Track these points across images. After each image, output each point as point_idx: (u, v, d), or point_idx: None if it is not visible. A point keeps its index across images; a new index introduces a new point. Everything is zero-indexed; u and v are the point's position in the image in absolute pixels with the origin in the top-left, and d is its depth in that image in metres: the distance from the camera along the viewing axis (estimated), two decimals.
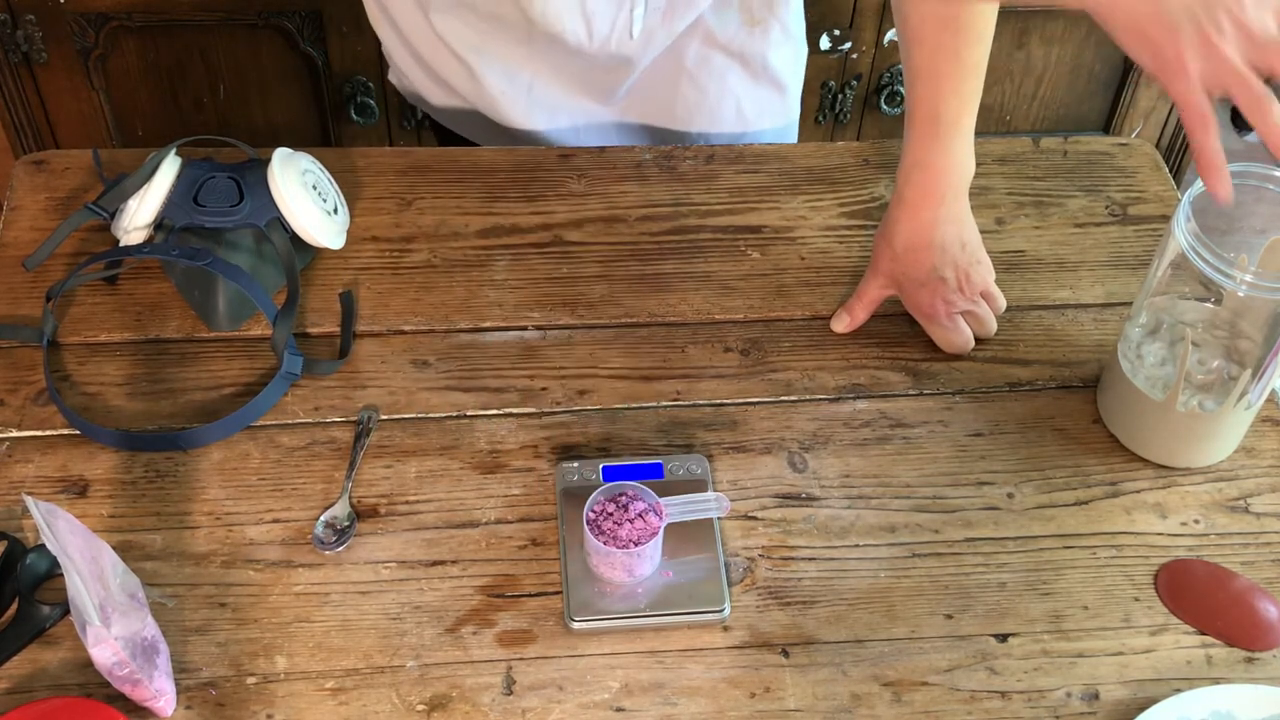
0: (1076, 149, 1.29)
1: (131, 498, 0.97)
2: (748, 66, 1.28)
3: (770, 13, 1.25)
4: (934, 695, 0.90)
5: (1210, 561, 0.98)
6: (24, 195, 1.18)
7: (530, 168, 1.23)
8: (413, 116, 1.97)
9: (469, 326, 1.10)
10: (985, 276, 1.09)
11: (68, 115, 1.92)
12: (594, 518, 0.92)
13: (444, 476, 1.00)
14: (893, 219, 1.08)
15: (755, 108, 1.31)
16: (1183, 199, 0.95)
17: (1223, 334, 1.01)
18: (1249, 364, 0.98)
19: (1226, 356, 1.00)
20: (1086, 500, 1.01)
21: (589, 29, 1.17)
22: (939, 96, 1.04)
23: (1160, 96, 2.13)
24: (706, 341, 1.10)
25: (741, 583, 0.95)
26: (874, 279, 1.10)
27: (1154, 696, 0.90)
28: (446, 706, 0.88)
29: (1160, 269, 0.98)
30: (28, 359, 1.05)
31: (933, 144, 1.05)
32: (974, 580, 0.96)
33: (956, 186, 1.07)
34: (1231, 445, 1.03)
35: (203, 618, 0.91)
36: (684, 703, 0.89)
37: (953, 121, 1.04)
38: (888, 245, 1.08)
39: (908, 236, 1.07)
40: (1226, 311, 1.01)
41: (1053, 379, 1.09)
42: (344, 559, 0.95)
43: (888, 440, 1.04)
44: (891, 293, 1.10)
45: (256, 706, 0.87)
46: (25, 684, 0.87)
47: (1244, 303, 0.99)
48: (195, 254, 1.04)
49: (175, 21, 1.82)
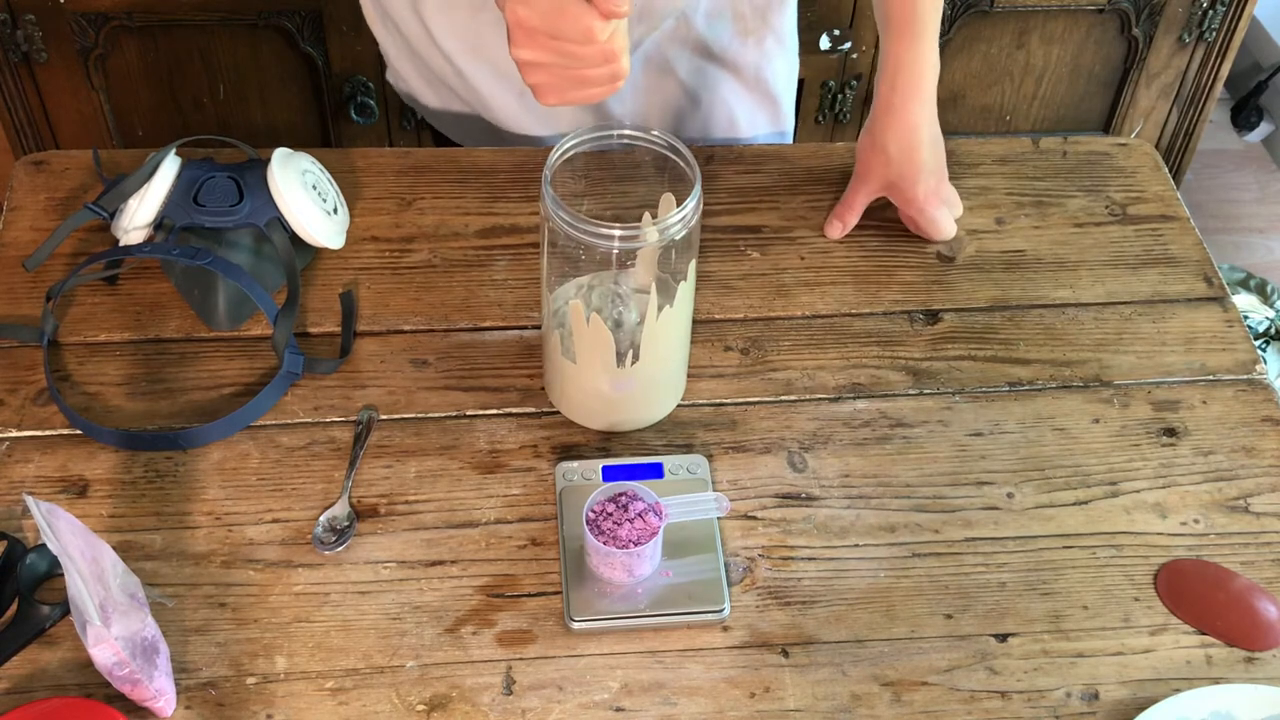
0: (1076, 149, 1.29)
1: (131, 498, 0.97)
2: (741, 78, 1.28)
3: (764, 24, 1.25)
4: (934, 695, 0.90)
5: (1210, 561, 0.98)
6: (24, 195, 1.18)
7: (530, 168, 1.23)
8: (413, 117, 1.97)
9: (469, 326, 1.10)
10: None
11: (68, 115, 1.92)
12: (594, 518, 0.92)
13: (444, 476, 1.00)
14: (882, 126, 1.14)
15: (748, 119, 1.31)
16: (545, 173, 0.93)
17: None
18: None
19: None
20: (1086, 500, 1.01)
21: None
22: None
23: (1160, 96, 2.13)
24: (706, 341, 1.10)
25: (741, 583, 0.95)
26: (863, 186, 1.17)
27: (1154, 696, 0.90)
28: (446, 706, 0.88)
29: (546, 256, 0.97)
30: (28, 359, 1.06)
31: (911, 45, 1.11)
32: (974, 580, 0.96)
33: (933, 83, 1.13)
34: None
35: (203, 618, 0.91)
36: (684, 703, 0.89)
37: (926, 21, 1.11)
38: (880, 152, 1.14)
39: (900, 140, 1.13)
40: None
41: (1053, 379, 1.09)
42: (344, 559, 0.95)
43: (888, 440, 1.04)
44: (879, 196, 1.18)
45: (256, 706, 0.87)
46: (25, 684, 0.87)
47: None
48: (195, 253, 1.04)
49: (175, 21, 1.82)
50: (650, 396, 1.03)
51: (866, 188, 1.17)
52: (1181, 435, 1.06)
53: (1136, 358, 1.11)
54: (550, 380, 1.04)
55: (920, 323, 1.13)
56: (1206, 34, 2.04)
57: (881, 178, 1.16)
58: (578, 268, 1.00)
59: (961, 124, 2.13)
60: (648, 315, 0.95)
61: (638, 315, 1.00)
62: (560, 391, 1.03)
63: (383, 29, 1.28)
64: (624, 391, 1.00)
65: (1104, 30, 2.03)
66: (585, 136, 0.96)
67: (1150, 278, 1.17)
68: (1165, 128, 2.18)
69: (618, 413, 1.02)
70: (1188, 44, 2.06)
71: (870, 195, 1.18)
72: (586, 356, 0.97)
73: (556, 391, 1.04)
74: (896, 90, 1.12)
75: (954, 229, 1.18)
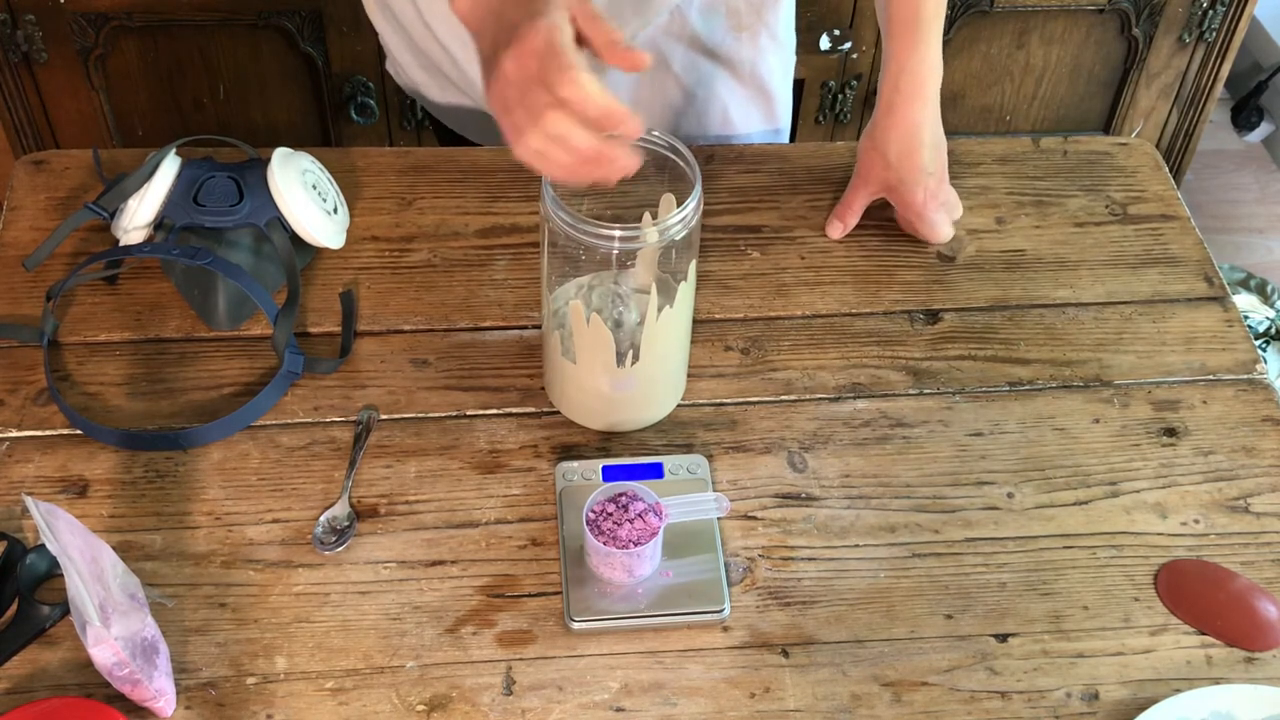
0: (1076, 149, 1.29)
1: (131, 498, 0.97)
2: (735, 73, 1.27)
3: (758, 19, 1.25)
4: (934, 695, 0.90)
5: (1210, 561, 0.98)
6: (24, 195, 1.18)
7: None
8: (413, 117, 1.97)
9: (469, 326, 1.10)
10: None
11: (68, 115, 1.92)
12: (594, 518, 0.92)
13: (444, 476, 1.00)
14: (883, 128, 1.13)
15: (742, 114, 1.31)
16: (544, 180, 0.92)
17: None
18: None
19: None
20: (1086, 500, 1.01)
21: None
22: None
23: (1160, 96, 2.13)
24: (706, 341, 1.10)
25: (741, 583, 0.95)
26: (863, 187, 1.17)
27: (1154, 696, 0.90)
28: (446, 707, 0.88)
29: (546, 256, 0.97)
30: (28, 359, 1.05)
31: (915, 48, 1.11)
32: (974, 580, 0.96)
33: (936, 86, 1.13)
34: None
35: (203, 618, 0.91)
36: (684, 703, 0.89)
37: (930, 22, 1.10)
38: (880, 155, 1.14)
39: (901, 142, 1.12)
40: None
41: (1053, 379, 1.09)
42: (344, 559, 0.95)
43: (888, 440, 1.04)
44: (878, 197, 1.18)
45: (256, 706, 0.87)
46: (25, 684, 0.87)
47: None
48: (195, 253, 1.04)
49: (175, 21, 1.82)
50: (650, 396, 1.03)
51: (866, 188, 1.17)
52: (1182, 435, 1.06)
53: (1137, 357, 1.11)
54: (550, 380, 1.04)
55: (920, 322, 1.13)
56: (1206, 34, 2.04)
57: (881, 179, 1.15)
58: (578, 268, 1.00)
59: (961, 124, 2.13)
60: (648, 315, 0.95)
61: (638, 315, 1.00)
62: (560, 391, 1.03)
63: (382, 19, 1.28)
64: (624, 391, 1.00)
65: (1104, 30, 2.03)
66: None
67: (1150, 277, 1.17)
68: (1165, 128, 2.18)
69: (618, 413, 1.02)
70: (1188, 44, 2.06)
71: (870, 196, 1.18)
72: (586, 356, 0.97)
73: (556, 391, 1.04)
74: (899, 92, 1.12)
75: (951, 233, 1.18)
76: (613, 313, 1.00)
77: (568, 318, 0.98)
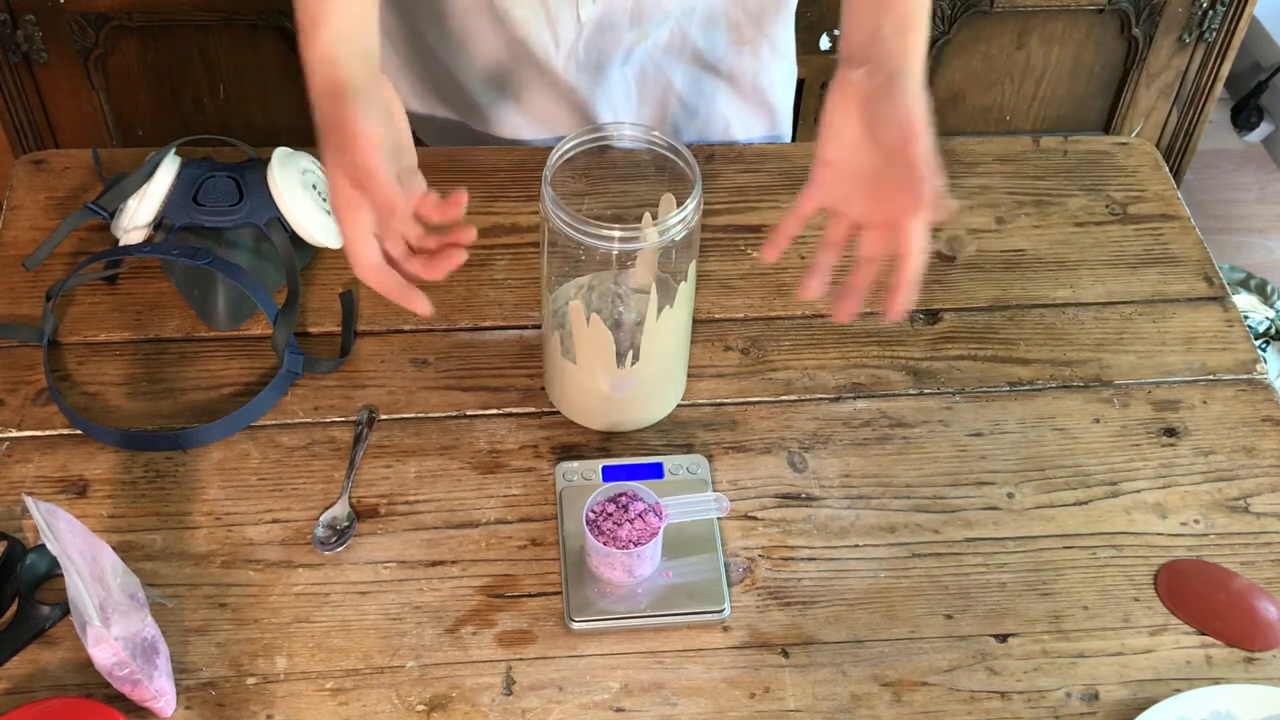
0: (1076, 148, 1.29)
1: (131, 498, 0.97)
2: (737, 87, 1.27)
3: (760, 33, 1.24)
4: (934, 695, 0.90)
5: (1210, 561, 0.98)
6: (24, 195, 1.18)
7: (530, 168, 1.22)
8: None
9: (469, 326, 1.10)
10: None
11: (68, 115, 1.91)
12: (594, 518, 0.92)
13: (444, 476, 1.00)
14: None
15: (744, 127, 1.30)
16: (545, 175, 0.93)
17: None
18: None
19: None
20: (1086, 500, 1.01)
21: (554, 34, 1.16)
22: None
23: (1160, 96, 2.13)
24: (706, 341, 1.10)
25: (741, 583, 0.95)
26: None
27: (1154, 697, 0.90)
28: (446, 707, 0.88)
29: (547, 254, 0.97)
30: (28, 359, 1.05)
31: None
32: (974, 580, 0.96)
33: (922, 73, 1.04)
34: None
35: (203, 618, 0.91)
36: (684, 703, 0.89)
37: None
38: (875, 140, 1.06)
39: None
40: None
41: (1053, 379, 1.09)
42: (344, 559, 0.95)
43: (888, 440, 1.04)
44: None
45: (256, 707, 0.87)
46: (25, 684, 0.87)
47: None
48: (195, 253, 1.04)
49: (175, 21, 1.82)
50: (650, 396, 1.03)
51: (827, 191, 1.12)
52: (1181, 435, 1.06)
53: (1137, 357, 1.11)
54: (550, 380, 1.04)
55: (920, 322, 1.13)
56: (1206, 34, 2.04)
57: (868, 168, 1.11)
58: (578, 268, 1.00)
59: (961, 124, 2.12)
60: (648, 315, 0.95)
61: (638, 315, 1.00)
62: (560, 391, 1.03)
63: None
64: (624, 391, 1.00)
65: (1104, 30, 2.03)
66: (585, 137, 0.96)
67: (1150, 277, 1.17)
68: (1165, 128, 2.18)
69: (618, 413, 1.02)
70: (1188, 44, 2.05)
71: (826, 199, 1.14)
72: (586, 356, 0.97)
73: (556, 391, 1.04)
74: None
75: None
76: (613, 313, 1.00)
77: (568, 318, 0.98)
